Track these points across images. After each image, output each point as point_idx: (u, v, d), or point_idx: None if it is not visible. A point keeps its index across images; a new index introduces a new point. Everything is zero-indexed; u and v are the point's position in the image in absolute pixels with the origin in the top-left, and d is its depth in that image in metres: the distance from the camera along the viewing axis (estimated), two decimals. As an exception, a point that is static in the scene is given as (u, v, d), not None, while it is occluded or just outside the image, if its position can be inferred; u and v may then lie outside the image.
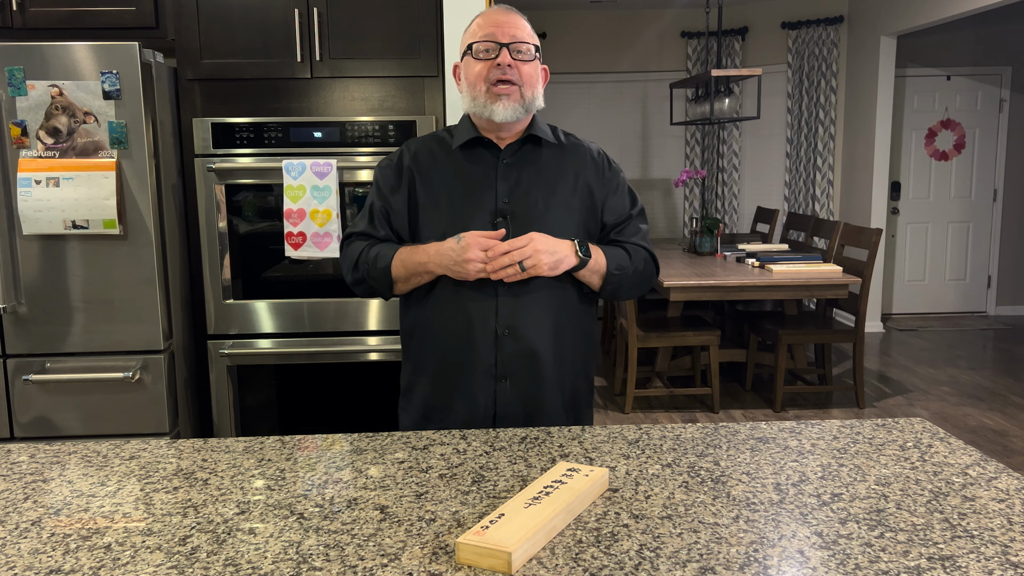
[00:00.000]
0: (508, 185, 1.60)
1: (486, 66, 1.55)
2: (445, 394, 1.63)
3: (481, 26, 1.58)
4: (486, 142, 1.62)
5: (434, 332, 1.62)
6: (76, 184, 2.35)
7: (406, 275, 1.59)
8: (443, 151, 1.65)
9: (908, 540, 1.00)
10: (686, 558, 0.97)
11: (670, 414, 4.40)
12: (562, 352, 1.62)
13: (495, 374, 1.59)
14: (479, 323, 1.57)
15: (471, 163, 1.62)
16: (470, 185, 1.60)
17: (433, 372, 1.64)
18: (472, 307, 1.57)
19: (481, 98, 1.56)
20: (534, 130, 1.63)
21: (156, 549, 1.01)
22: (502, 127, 1.60)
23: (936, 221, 6.74)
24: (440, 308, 1.60)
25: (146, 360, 2.48)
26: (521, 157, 1.63)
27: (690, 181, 6.87)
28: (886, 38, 5.92)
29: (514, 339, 1.58)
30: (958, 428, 4.14)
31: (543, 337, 1.59)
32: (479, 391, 1.60)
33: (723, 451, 1.32)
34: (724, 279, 4.04)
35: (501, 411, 1.60)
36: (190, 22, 2.55)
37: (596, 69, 6.89)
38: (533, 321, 1.58)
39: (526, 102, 1.57)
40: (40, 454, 1.37)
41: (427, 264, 1.55)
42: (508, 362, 1.59)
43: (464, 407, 1.61)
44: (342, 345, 2.66)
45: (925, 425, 1.43)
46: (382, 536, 1.04)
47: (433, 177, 1.63)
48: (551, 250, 1.51)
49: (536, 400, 1.61)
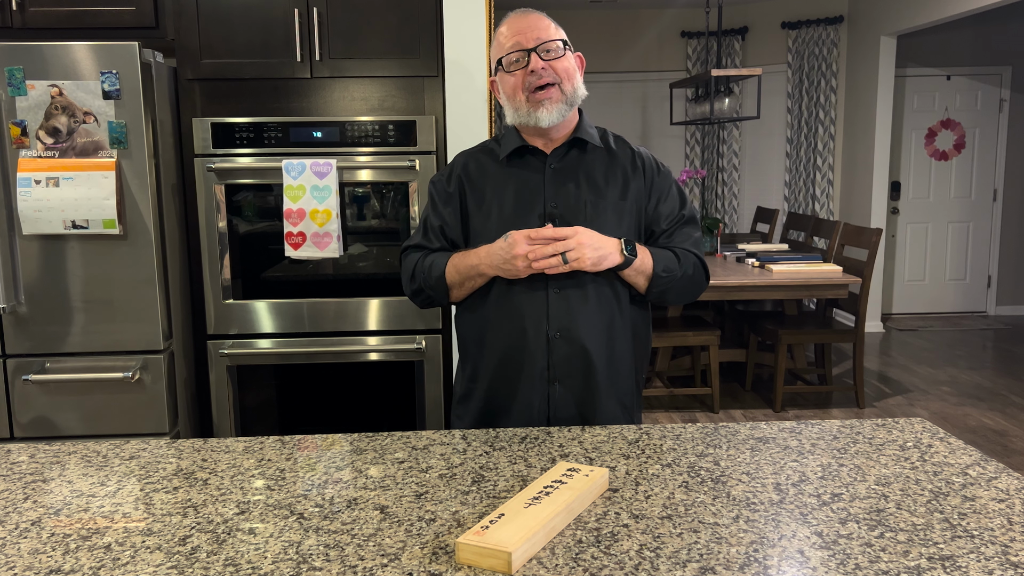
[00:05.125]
0: (555, 190, 1.59)
1: (520, 76, 1.56)
2: (502, 399, 1.62)
3: (507, 37, 1.57)
4: (532, 149, 1.62)
5: (490, 337, 1.62)
6: (76, 184, 2.35)
7: (460, 280, 1.59)
8: (492, 161, 1.65)
9: (908, 540, 1.00)
10: (686, 558, 0.97)
11: (670, 414, 4.40)
12: (615, 353, 1.62)
13: (548, 377, 1.58)
14: (531, 326, 1.57)
15: (519, 170, 1.63)
16: (519, 191, 1.60)
17: (490, 378, 1.63)
18: (524, 310, 1.57)
19: (523, 108, 1.56)
20: (580, 133, 1.62)
21: (156, 549, 1.01)
22: (550, 131, 1.60)
23: (936, 221, 6.74)
24: (494, 313, 1.60)
25: (146, 360, 2.48)
26: (568, 161, 1.62)
27: (690, 181, 6.86)
28: (886, 38, 5.92)
29: (566, 341, 1.57)
30: (958, 428, 4.14)
31: (595, 339, 1.58)
32: (533, 395, 1.59)
33: (723, 451, 1.32)
34: (724, 279, 4.04)
35: (555, 415, 1.60)
36: (190, 22, 2.55)
37: (596, 69, 6.88)
38: (585, 323, 1.57)
39: (568, 97, 1.57)
40: (40, 454, 1.37)
41: (479, 266, 1.55)
42: (560, 365, 1.58)
43: (520, 412, 1.60)
44: (342, 345, 2.66)
45: (925, 425, 1.43)
46: (382, 536, 1.04)
47: (483, 187, 1.63)
48: (595, 245, 1.50)
49: (590, 403, 1.60)
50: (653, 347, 4.52)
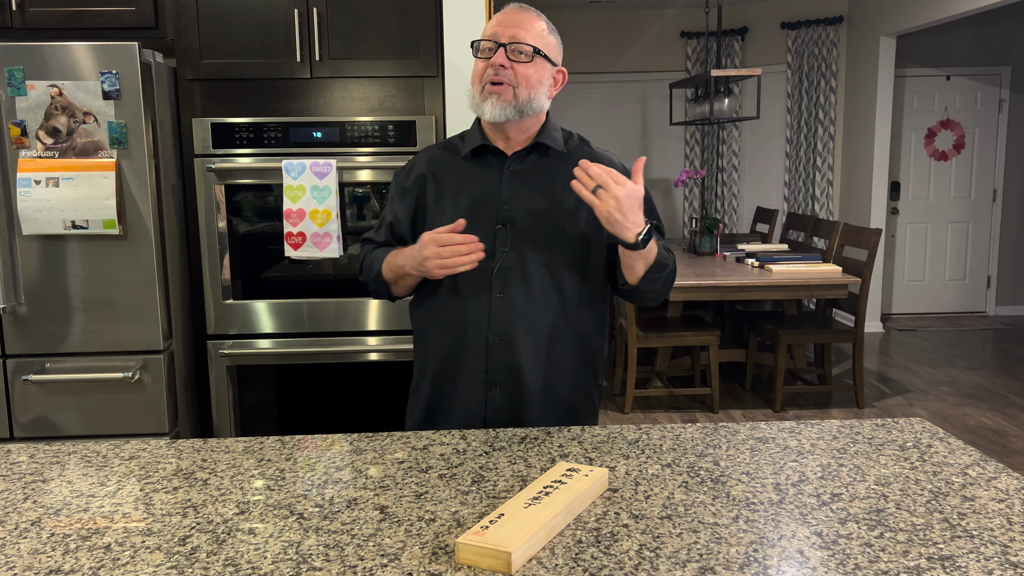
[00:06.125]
0: (512, 192, 1.59)
1: (485, 64, 1.55)
2: (444, 397, 1.63)
3: (490, 24, 1.57)
4: (494, 149, 1.61)
5: (434, 334, 1.63)
6: (76, 184, 2.35)
7: (394, 278, 1.61)
8: (454, 157, 1.65)
9: (908, 540, 1.00)
10: (686, 558, 0.97)
11: (670, 414, 4.40)
12: (554, 361, 1.59)
13: (486, 381, 1.58)
14: (472, 328, 1.57)
15: (479, 169, 1.62)
16: (475, 191, 1.60)
17: (434, 375, 1.64)
18: (467, 312, 1.57)
19: (477, 96, 1.56)
20: (543, 138, 1.61)
21: (156, 549, 1.01)
22: (507, 131, 1.59)
23: (936, 221, 6.74)
24: (439, 312, 1.61)
25: (146, 360, 2.48)
26: (528, 164, 1.61)
27: (690, 181, 6.87)
28: (886, 38, 5.93)
29: (505, 347, 1.56)
30: (958, 428, 4.14)
31: (534, 347, 1.56)
32: (471, 397, 1.59)
33: (723, 451, 1.32)
34: (724, 279, 4.04)
35: (491, 419, 1.59)
36: (190, 22, 2.55)
37: (596, 69, 6.89)
38: (525, 329, 1.56)
39: (520, 103, 1.53)
40: (40, 454, 1.37)
41: (405, 267, 1.56)
42: (497, 370, 1.57)
43: (460, 412, 1.60)
44: (342, 345, 2.66)
45: (925, 425, 1.43)
46: (382, 536, 1.04)
47: (443, 183, 1.63)
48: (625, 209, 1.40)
49: (525, 411, 1.59)
50: (653, 347, 4.54)
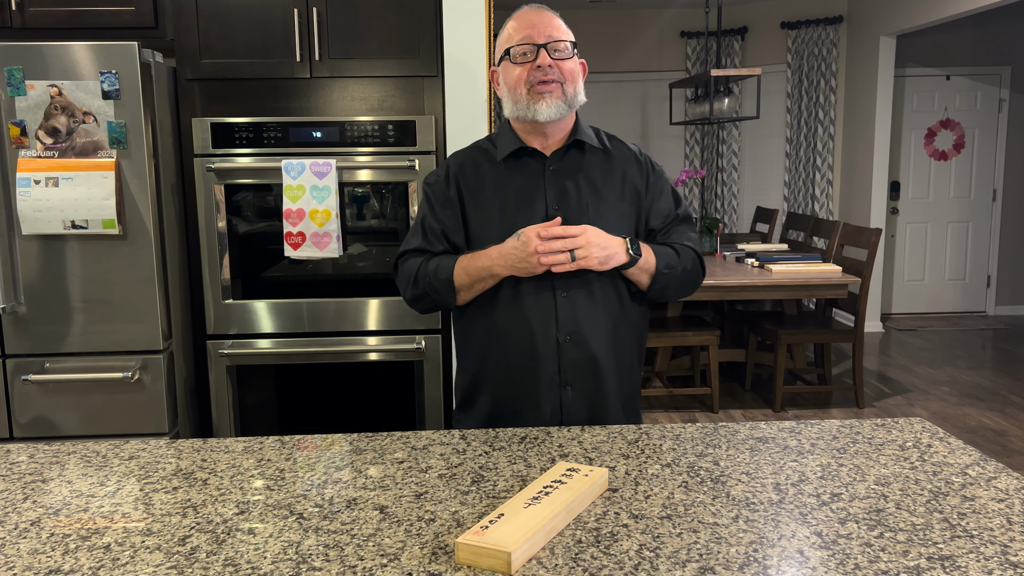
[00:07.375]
0: (556, 192, 1.59)
1: (525, 69, 1.55)
2: (510, 404, 1.61)
3: (517, 29, 1.57)
4: (531, 150, 1.61)
5: (497, 341, 1.60)
6: (75, 184, 2.34)
7: (470, 282, 1.57)
8: (488, 162, 1.64)
9: (908, 540, 1.00)
10: (686, 558, 0.97)
11: (670, 414, 4.40)
12: (620, 354, 1.62)
13: (559, 382, 1.58)
14: (540, 330, 1.56)
15: (518, 173, 1.61)
16: (519, 195, 1.59)
17: (497, 383, 1.62)
18: (532, 314, 1.56)
19: (523, 101, 1.55)
20: (579, 135, 1.62)
21: (155, 549, 1.01)
22: (547, 131, 1.59)
23: (935, 221, 6.74)
24: (500, 318, 1.59)
25: (145, 360, 2.48)
26: (567, 163, 1.62)
27: (689, 181, 6.87)
28: (885, 38, 5.92)
29: (575, 345, 1.57)
30: (957, 428, 4.14)
31: (603, 342, 1.58)
32: (545, 400, 1.58)
33: (723, 451, 1.32)
34: (724, 279, 4.04)
35: (567, 418, 1.59)
36: (189, 22, 2.55)
37: (595, 69, 6.88)
38: (592, 325, 1.57)
39: (568, 98, 1.56)
40: (39, 454, 1.37)
41: (491, 267, 1.53)
42: (570, 369, 1.58)
43: (531, 416, 1.59)
44: (341, 345, 2.66)
45: (924, 425, 1.43)
46: (382, 536, 1.04)
47: (482, 190, 1.62)
48: (603, 244, 1.50)
49: (600, 406, 1.60)
50: (653, 347, 4.54)
